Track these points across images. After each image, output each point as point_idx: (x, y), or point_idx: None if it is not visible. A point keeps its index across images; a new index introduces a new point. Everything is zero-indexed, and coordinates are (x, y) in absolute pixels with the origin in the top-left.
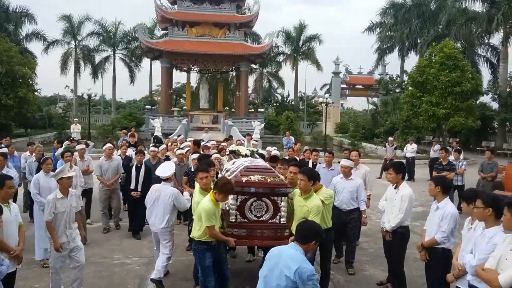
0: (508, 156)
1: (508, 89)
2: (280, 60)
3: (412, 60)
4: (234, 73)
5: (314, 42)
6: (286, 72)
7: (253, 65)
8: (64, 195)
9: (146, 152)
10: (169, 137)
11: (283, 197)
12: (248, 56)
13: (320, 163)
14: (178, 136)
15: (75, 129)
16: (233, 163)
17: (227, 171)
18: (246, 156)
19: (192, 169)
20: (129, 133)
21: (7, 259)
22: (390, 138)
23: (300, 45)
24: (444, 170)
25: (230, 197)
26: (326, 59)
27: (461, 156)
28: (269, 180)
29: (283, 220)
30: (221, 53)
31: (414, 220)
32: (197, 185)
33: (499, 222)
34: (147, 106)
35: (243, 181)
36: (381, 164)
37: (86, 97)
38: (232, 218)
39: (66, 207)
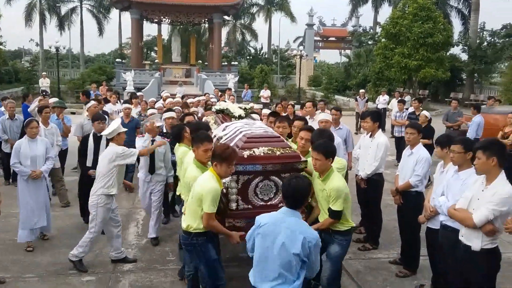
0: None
1: (478, 41)
2: (254, 11)
3: (386, 11)
4: (207, 25)
5: None
6: (259, 24)
7: (226, 17)
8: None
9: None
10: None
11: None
12: (221, 7)
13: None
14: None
15: (44, 84)
16: (225, 129)
17: (218, 140)
18: (240, 117)
19: (164, 130)
20: (103, 88)
21: None
22: (361, 91)
23: None
24: (417, 119)
25: (228, 178)
26: (300, 10)
27: (405, 107)
28: (278, 153)
29: None
30: (193, 3)
31: (385, 168)
32: (190, 156)
33: (471, 165)
34: (117, 60)
35: (245, 156)
36: (353, 116)
37: (53, 50)
38: (232, 205)
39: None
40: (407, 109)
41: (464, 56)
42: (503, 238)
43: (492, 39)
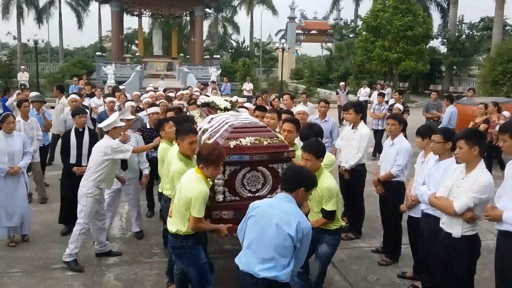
0: (455, 99)
1: (456, 34)
2: (235, 4)
3: (367, 4)
4: (188, 18)
5: None
6: (241, 17)
7: (207, 10)
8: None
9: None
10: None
11: (284, 164)
12: None
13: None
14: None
15: (23, 78)
16: (211, 121)
17: (203, 132)
18: (226, 109)
19: (148, 126)
20: (83, 81)
21: None
22: (341, 83)
23: None
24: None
25: None
26: (282, 3)
27: (385, 99)
28: (265, 143)
29: None
30: None
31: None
32: (173, 151)
33: (452, 154)
34: (97, 53)
35: (231, 146)
36: (335, 109)
37: (32, 43)
38: (219, 197)
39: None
40: (387, 101)
41: (443, 49)
42: (482, 226)
43: (470, 32)
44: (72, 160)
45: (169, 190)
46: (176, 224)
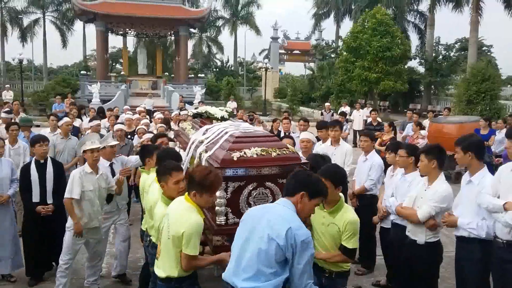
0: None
1: (434, 54)
2: (219, 24)
3: (347, 25)
4: (173, 38)
5: (253, 6)
6: (225, 37)
7: (192, 30)
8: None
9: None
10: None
11: None
12: (187, 20)
13: (294, 132)
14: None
15: (7, 96)
16: (206, 131)
17: (197, 145)
18: (222, 119)
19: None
20: (68, 100)
21: None
22: (326, 104)
23: (239, 10)
24: (375, 130)
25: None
26: (265, 23)
27: (347, 118)
28: (274, 154)
29: None
30: (159, 16)
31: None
32: (155, 190)
33: (416, 168)
34: (82, 72)
35: (235, 159)
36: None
37: (16, 62)
38: (221, 219)
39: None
40: (347, 120)
41: (421, 69)
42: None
43: (447, 53)
44: (35, 198)
45: (154, 234)
46: (165, 269)
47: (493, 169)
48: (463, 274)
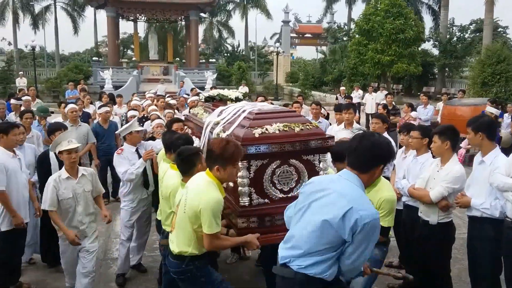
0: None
1: (448, 36)
2: (230, 8)
3: (359, 7)
4: (184, 23)
5: None
6: (236, 21)
7: (202, 14)
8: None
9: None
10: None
11: (321, 155)
12: (197, 4)
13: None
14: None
15: (21, 83)
16: (221, 113)
17: (213, 128)
18: (237, 99)
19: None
20: (79, 87)
21: None
22: (342, 88)
23: None
24: (388, 113)
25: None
26: (276, 7)
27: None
28: (297, 130)
29: None
30: (169, 1)
31: None
32: (164, 165)
33: (428, 150)
34: (94, 58)
35: (256, 135)
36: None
37: (29, 49)
38: (245, 200)
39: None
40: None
41: (435, 51)
42: (465, 220)
43: (462, 34)
44: None
45: (164, 213)
46: (179, 243)
47: None
48: (475, 254)
